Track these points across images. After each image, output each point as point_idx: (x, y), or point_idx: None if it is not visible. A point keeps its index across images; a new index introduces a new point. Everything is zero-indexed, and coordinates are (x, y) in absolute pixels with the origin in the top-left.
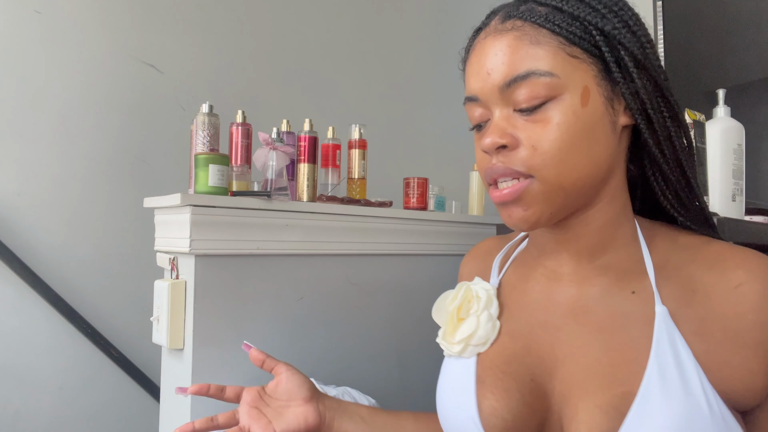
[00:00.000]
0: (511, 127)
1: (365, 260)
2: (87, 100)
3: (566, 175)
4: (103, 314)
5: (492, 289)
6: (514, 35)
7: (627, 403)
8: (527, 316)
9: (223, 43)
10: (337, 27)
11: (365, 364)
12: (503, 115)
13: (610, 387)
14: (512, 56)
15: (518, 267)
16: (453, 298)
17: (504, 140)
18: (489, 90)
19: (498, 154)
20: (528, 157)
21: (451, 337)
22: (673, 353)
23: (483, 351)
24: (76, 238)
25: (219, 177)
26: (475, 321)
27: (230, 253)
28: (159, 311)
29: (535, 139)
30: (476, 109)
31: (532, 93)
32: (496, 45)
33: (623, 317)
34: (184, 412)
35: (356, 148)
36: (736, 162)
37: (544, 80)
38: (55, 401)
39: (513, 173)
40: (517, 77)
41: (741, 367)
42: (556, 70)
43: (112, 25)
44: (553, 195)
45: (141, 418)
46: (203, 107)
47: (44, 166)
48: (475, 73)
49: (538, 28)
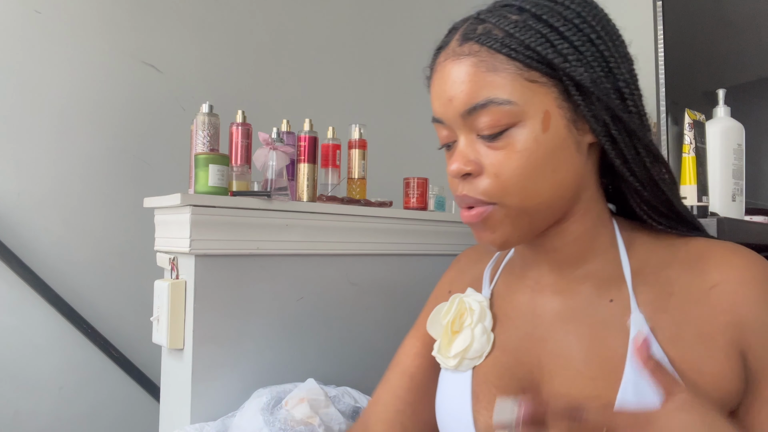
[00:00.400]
0: (474, 153)
1: (365, 260)
2: (87, 100)
3: (529, 201)
4: (103, 314)
5: (485, 300)
6: (471, 61)
7: None
8: (515, 328)
9: (223, 43)
10: (337, 27)
11: (365, 364)
12: (467, 140)
13: (590, 401)
14: (470, 85)
15: (507, 277)
16: (447, 311)
17: (468, 168)
18: (452, 115)
19: (463, 181)
20: (490, 186)
21: (446, 350)
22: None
23: (478, 364)
24: (76, 238)
25: (219, 177)
26: (469, 334)
27: (230, 253)
28: (159, 311)
29: (497, 166)
30: (442, 130)
31: (492, 121)
32: (454, 72)
33: (602, 326)
34: (184, 412)
35: (356, 148)
36: (736, 162)
37: (504, 108)
38: (55, 401)
39: (477, 203)
40: (477, 106)
41: (715, 372)
42: (515, 97)
43: (112, 25)
44: (517, 219)
45: (141, 418)
46: (203, 107)
47: (44, 166)
48: (438, 98)
49: (495, 53)
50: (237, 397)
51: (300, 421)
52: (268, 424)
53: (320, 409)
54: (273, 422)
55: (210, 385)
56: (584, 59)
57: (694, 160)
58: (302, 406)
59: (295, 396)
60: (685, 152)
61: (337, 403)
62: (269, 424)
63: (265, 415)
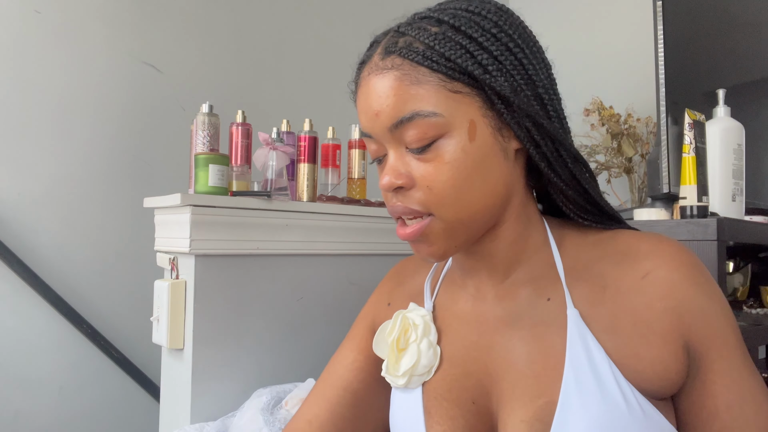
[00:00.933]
0: (404, 166)
1: (365, 260)
2: (87, 100)
3: (464, 211)
4: (103, 314)
5: (428, 314)
6: (394, 75)
7: (550, 413)
8: (461, 338)
9: (223, 43)
10: (337, 27)
11: None
12: (397, 154)
13: (533, 399)
14: (395, 99)
15: (447, 288)
16: (391, 330)
17: (400, 181)
18: (379, 130)
19: (396, 194)
20: (424, 198)
21: (395, 369)
22: (587, 356)
23: (428, 380)
24: (76, 238)
25: (219, 177)
26: (416, 350)
27: (230, 253)
28: (159, 311)
29: (429, 179)
30: (372, 144)
31: (419, 134)
32: (378, 86)
33: (543, 326)
34: (184, 412)
35: (356, 148)
36: (736, 162)
37: (430, 120)
38: (55, 401)
39: (412, 212)
40: (403, 119)
41: (653, 358)
42: (440, 109)
43: (112, 24)
44: (454, 230)
45: (141, 418)
46: (203, 107)
47: (44, 166)
48: (364, 113)
49: (417, 66)
50: (237, 397)
51: None
52: (268, 424)
53: None
54: (273, 422)
55: (210, 385)
56: (504, 68)
57: (694, 160)
58: None
59: (295, 396)
60: (685, 152)
61: None
62: (269, 424)
63: (265, 415)
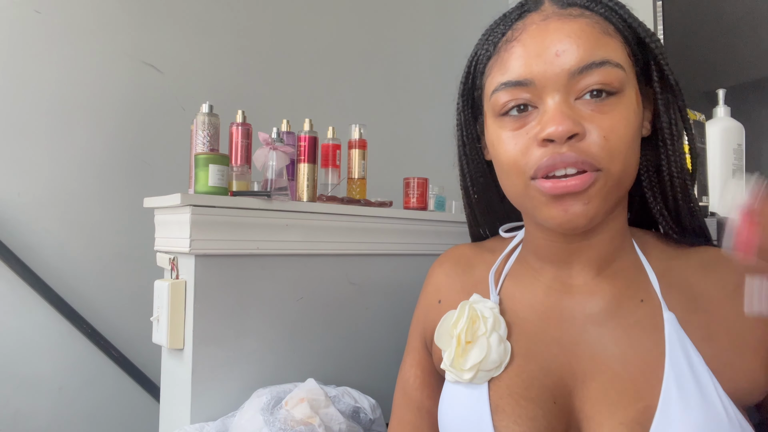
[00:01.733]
0: (576, 114)
1: (365, 260)
2: (87, 100)
3: (626, 172)
4: (103, 314)
5: (495, 306)
6: (585, 21)
7: (649, 417)
8: (540, 333)
9: (223, 43)
10: (337, 27)
11: (365, 364)
12: (567, 102)
13: (631, 402)
14: (587, 41)
15: (518, 280)
16: (457, 320)
17: (577, 129)
18: (554, 74)
19: (565, 144)
20: (601, 149)
21: (461, 363)
22: (687, 361)
23: (496, 375)
24: (76, 238)
25: (219, 177)
26: (485, 344)
27: (230, 253)
28: (159, 311)
29: (606, 129)
30: (521, 93)
31: (606, 79)
32: (565, 28)
33: (636, 327)
34: (184, 412)
35: (356, 148)
36: (736, 162)
37: (617, 72)
38: (55, 401)
39: (585, 164)
40: (593, 63)
41: (745, 368)
42: (624, 65)
43: (112, 25)
44: (612, 191)
45: (141, 418)
46: (203, 107)
47: (44, 166)
48: (535, 55)
49: (607, 21)
50: (237, 397)
51: (300, 421)
52: (268, 424)
53: (320, 409)
54: (273, 422)
55: (210, 385)
56: (664, 50)
57: None
58: (302, 406)
59: (295, 396)
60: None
61: (337, 403)
62: (269, 424)
63: (265, 415)
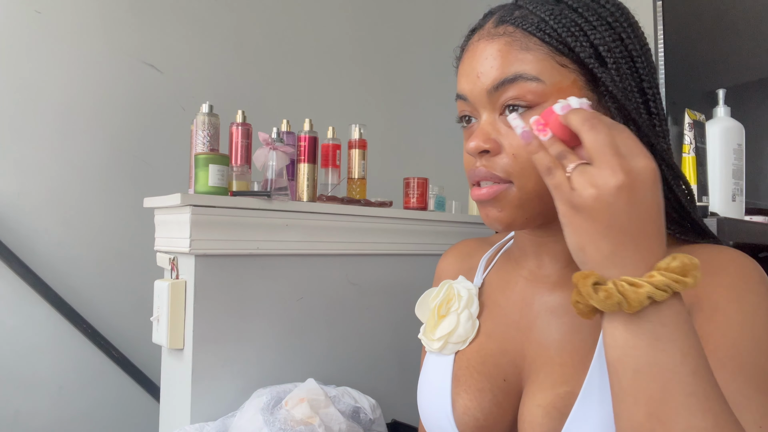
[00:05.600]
0: (495, 132)
1: (365, 260)
2: (87, 100)
3: (544, 186)
4: (103, 314)
5: (474, 288)
6: (505, 41)
7: (569, 403)
8: (504, 316)
9: (224, 43)
10: (337, 27)
11: (365, 364)
12: (489, 119)
13: (554, 386)
14: (502, 60)
15: (501, 268)
16: (435, 295)
17: (487, 145)
18: (478, 93)
19: (481, 158)
20: (507, 165)
21: (431, 333)
22: None
23: (462, 349)
24: (76, 238)
25: (219, 177)
26: (455, 319)
27: (230, 253)
28: (159, 311)
29: (516, 147)
30: (465, 107)
31: (518, 95)
32: (487, 49)
33: (582, 318)
34: (184, 412)
35: (356, 148)
36: (736, 162)
37: (531, 85)
38: (55, 401)
39: (493, 177)
40: (505, 80)
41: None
42: (544, 76)
43: (112, 25)
44: (529, 202)
45: (141, 418)
46: (203, 107)
47: (44, 166)
48: (466, 75)
49: (529, 35)
50: (237, 397)
51: (300, 421)
52: (268, 424)
53: (320, 409)
54: (273, 422)
55: (210, 385)
56: (613, 56)
57: (694, 160)
58: (302, 406)
59: (295, 396)
60: (685, 152)
61: (337, 403)
62: (269, 424)
63: (265, 415)
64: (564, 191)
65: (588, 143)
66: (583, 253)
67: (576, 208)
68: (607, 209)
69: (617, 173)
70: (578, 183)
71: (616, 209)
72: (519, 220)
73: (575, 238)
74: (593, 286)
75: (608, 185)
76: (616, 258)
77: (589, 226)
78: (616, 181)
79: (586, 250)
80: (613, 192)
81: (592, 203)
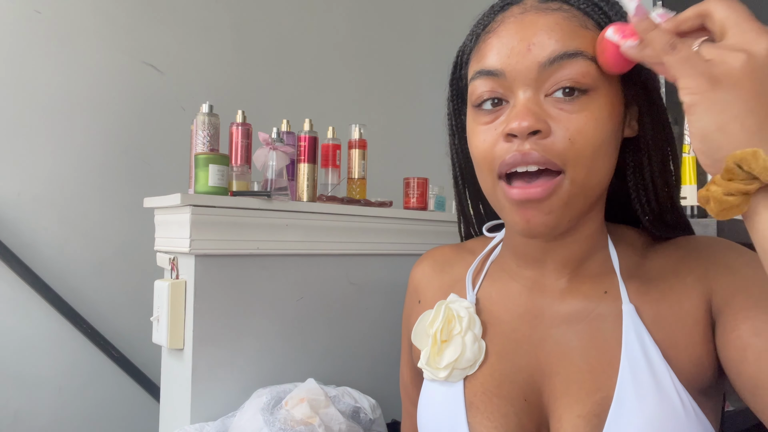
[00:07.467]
0: (542, 111)
1: (365, 260)
2: (87, 100)
3: (592, 177)
4: (102, 314)
5: (471, 306)
6: (563, 15)
7: (605, 408)
8: (512, 332)
9: (223, 43)
10: (337, 27)
11: (365, 364)
12: (534, 98)
13: (590, 394)
14: (561, 33)
15: (495, 280)
16: (433, 320)
17: (540, 125)
18: (525, 66)
19: (527, 140)
20: (565, 150)
21: (436, 361)
22: (642, 351)
23: (471, 374)
24: (75, 237)
25: (219, 177)
26: (459, 342)
27: (230, 253)
28: (159, 311)
29: (573, 130)
30: (493, 84)
31: (576, 76)
32: (540, 21)
33: (598, 319)
34: (184, 412)
35: (356, 148)
36: None
37: (590, 66)
38: (55, 401)
39: (547, 163)
40: (564, 54)
41: (690, 352)
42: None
43: (112, 25)
44: (576, 198)
45: (141, 418)
46: (203, 107)
47: (44, 166)
48: (507, 47)
49: (586, 16)
50: (237, 397)
51: (300, 421)
52: (268, 424)
53: (320, 409)
54: (273, 422)
55: (210, 385)
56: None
57: (695, 160)
58: (302, 406)
59: (295, 396)
60: (685, 152)
61: (337, 403)
62: (269, 424)
63: (265, 415)
64: (697, 63)
65: (722, 13)
66: (723, 134)
67: (715, 80)
68: (757, 76)
69: (763, 34)
70: (715, 53)
71: (765, 75)
72: (563, 224)
73: (711, 117)
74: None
75: (760, 47)
76: (763, 133)
77: (733, 99)
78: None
79: (727, 129)
80: (765, 54)
81: (740, 69)
